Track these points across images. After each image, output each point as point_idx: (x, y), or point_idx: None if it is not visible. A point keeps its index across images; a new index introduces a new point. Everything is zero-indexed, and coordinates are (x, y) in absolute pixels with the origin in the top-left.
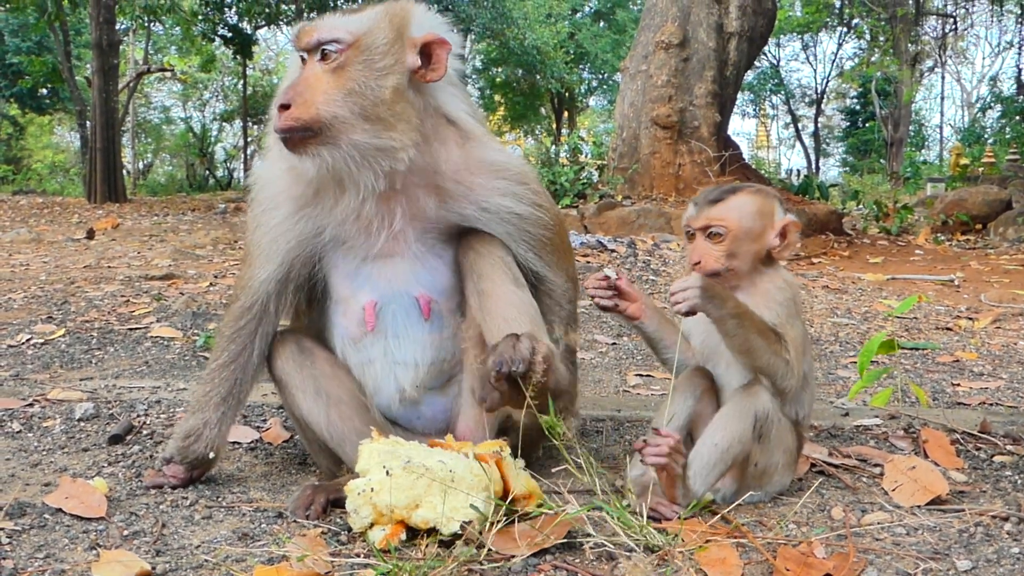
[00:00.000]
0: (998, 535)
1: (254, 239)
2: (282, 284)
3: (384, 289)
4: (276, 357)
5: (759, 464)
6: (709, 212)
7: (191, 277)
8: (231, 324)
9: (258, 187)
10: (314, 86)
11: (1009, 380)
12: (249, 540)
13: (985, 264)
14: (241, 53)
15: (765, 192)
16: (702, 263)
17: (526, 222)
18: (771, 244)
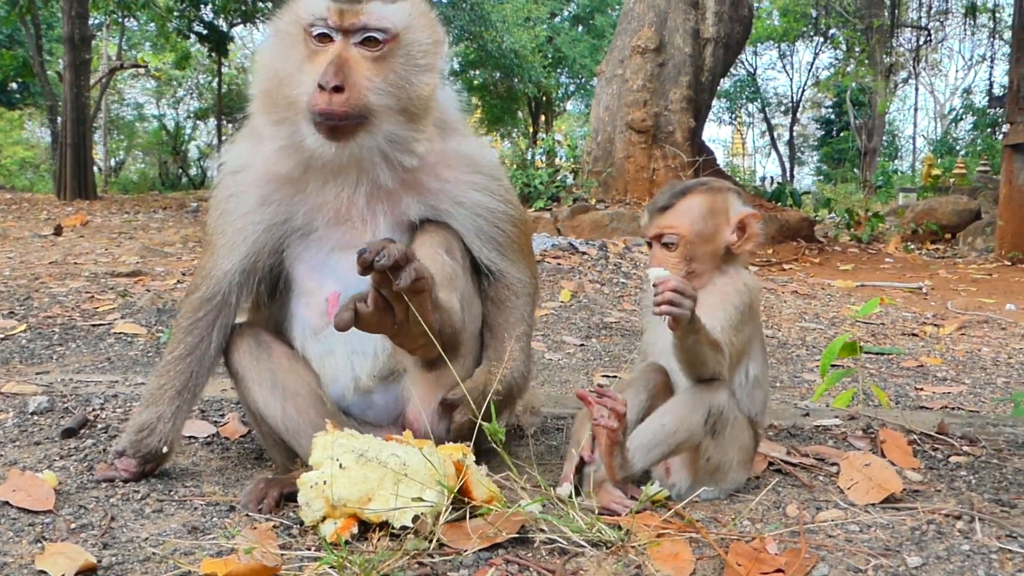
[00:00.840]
0: (949, 533)
1: (219, 227)
2: (246, 275)
3: (349, 279)
4: (233, 350)
5: (712, 459)
6: (660, 221)
7: (158, 274)
8: (189, 315)
9: (227, 173)
10: (358, 71)
11: (971, 385)
12: (199, 533)
13: (953, 273)
14: (216, 51)
15: (717, 188)
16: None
17: (496, 217)
18: (728, 240)
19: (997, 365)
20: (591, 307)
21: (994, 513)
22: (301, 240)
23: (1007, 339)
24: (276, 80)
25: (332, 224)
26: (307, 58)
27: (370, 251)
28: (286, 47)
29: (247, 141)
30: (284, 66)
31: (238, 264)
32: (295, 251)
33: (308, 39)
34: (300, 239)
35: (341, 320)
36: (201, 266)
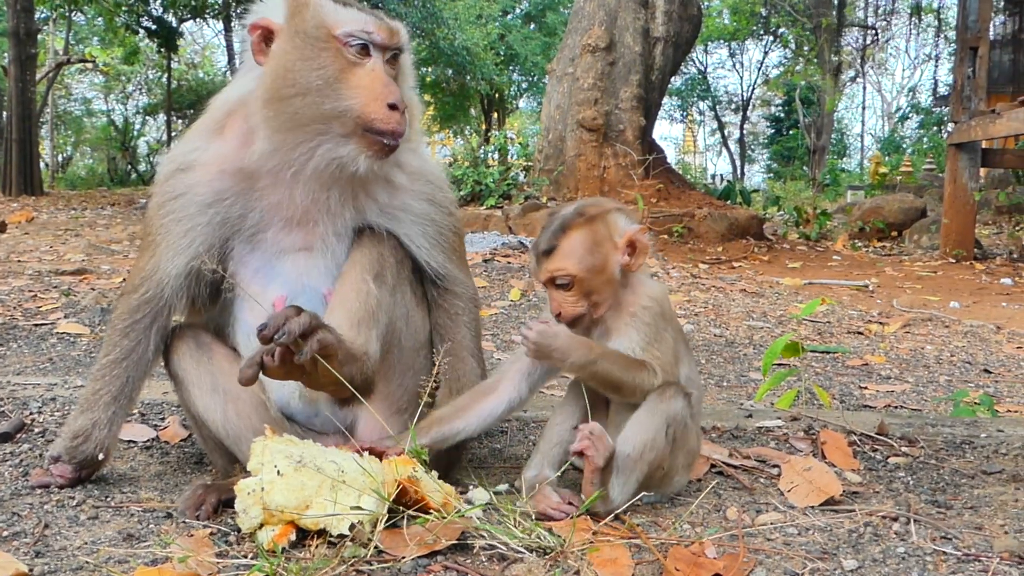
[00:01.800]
0: (886, 535)
1: (163, 226)
2: (190, 278)
3: (294, 284)
4: (173, 352)
5: (665, 467)
6: (547, 265)
7: (104, 272)
8: (125, 317)
9: (175, 170)
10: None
11: (915, 383)
12: (135, 541)
13: (899, 270)
14: (165, 46)
15: (595, 215)
16: (563, 313)
17: (442, 226)
18: (621, 263)
19: (940, 363)
20: (541, 306)
21: (930, 515)
22: (247, 243)
23: (950, 337)
24: (303, 88)
25: (281, 227)
26: (343, 71)
27: (270, 327)
28: (312, 53)
29: (198, 138)
30: (315, 75)
31: (183, 266)
32: (240, 253)
33: (343, 50)
34: (246, 241)
35: (245, 376)
36: (140, 267)
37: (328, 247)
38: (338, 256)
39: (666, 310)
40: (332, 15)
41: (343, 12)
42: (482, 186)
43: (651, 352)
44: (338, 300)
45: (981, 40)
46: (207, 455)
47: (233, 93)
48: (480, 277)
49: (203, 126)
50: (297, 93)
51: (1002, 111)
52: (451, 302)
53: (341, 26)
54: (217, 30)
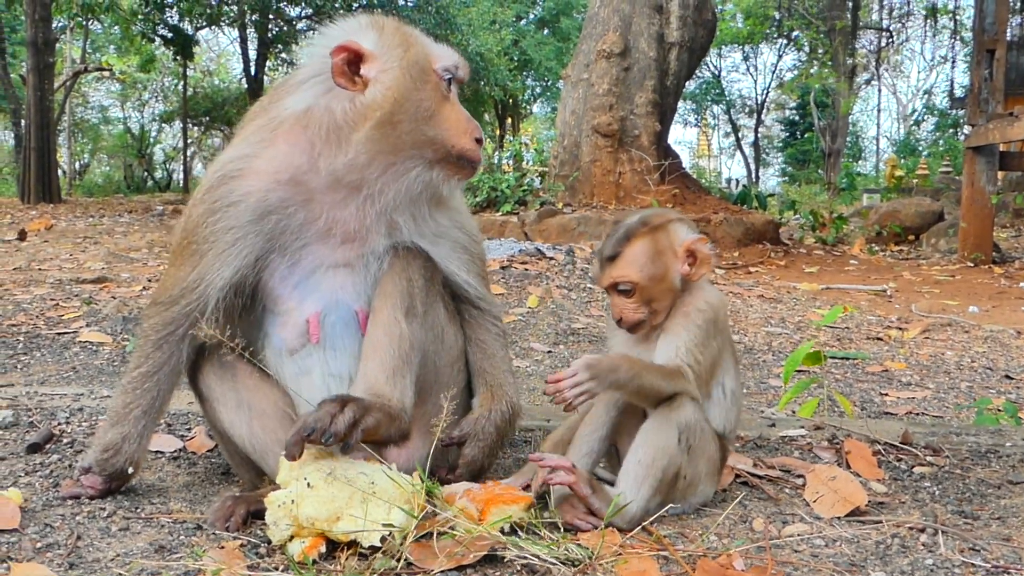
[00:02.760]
0: (914, 546)
1: (211, 234)
2: (232, 290)
3: (328, 300)
4: (197, 370)
5: (687, 476)
6: (610, 271)
7: (124, 281)
8: (159, 329)
9: (226, 178)
10: None
11: (936, 390)
12: (166, 552)
13: (917, 275)
14: (182, 54)
15: (658, 225)
16: (624, 319)
17: (471, 253)
18: (681, 272)
19: (960, 369)
20: (559, 313)
21: (957, 525)
22: (288, 256)
23: (970, 342)
24: (412, 114)
25: (327, 242)
26: (440, 102)
27: (317, 431)
28: (420, 84)
29: (249, 146)
30: (423, 106)
31: (228, 277)
32: (278, 266)
33: (440, 83)
34: (287, 255)
35: (291, 455)
36: (180, 277)
37: (367, 265)
38: (374, 273)
39: (720, 318)
40: (433, 50)
41: (438, 48)
42: (497, 192)
43: (693, 355)
44: (371, 347)
45: (998, 42)
46: (233, 469)
47: (295, 105)
48: (497, 284)
49: (255, 134)
50: (407, 120)
51: (1019, 114)
52: (484, 320)
53: (440, 61)
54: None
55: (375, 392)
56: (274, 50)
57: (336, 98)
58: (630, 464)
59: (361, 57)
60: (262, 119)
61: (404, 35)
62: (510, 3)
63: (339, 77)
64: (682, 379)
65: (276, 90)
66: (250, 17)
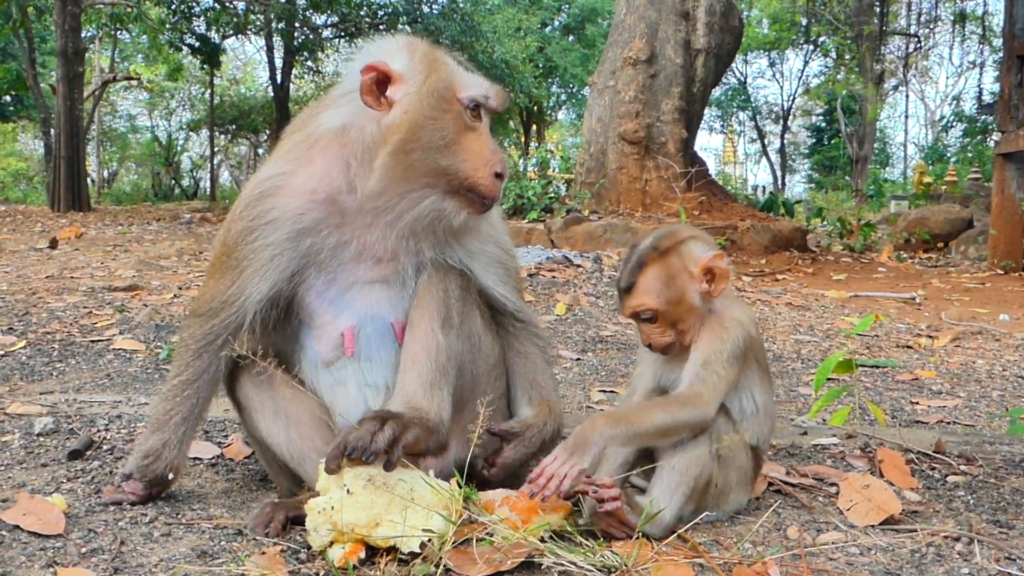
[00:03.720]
0: (949, 555)
1: (251, 250)
2: (269, 303)
3: (363, 314)
4: (235, 380)
5: (719, 484)
6: (628, 302)
7: (155, 288)
8: (200, 339)
9: (265, 194)
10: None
11: (967, 398)
12: (208, 558)
13: (946, 282)
14: (208, 62)
15: (670, 248)
16: (653, 344)
17: (507, 267)
18: (701, 291)
19: (992, 378)
20: (586, 320)
21: (992, 535)
22: (324, 271)
23: (1001, 351)
24: (427, 143)
25: (361, 260)
26: (459, 133)
27: (359, 449)
28: (438, 112)
29: (287, 163)
30: (440, 135)
31: (267, 292)
32: (314, 281)
33: (464, 112)
34: (323, 270)
35: (330, 469)
36: (219, 289)
37: (402, 280)
38: (409, 287)
39: (751, 332)
40: (459, 78)
41: (466, 76)
42: (524, 199)
43: (709, 370)
44: (408, 360)
45: None
46: (271, 476)
47: (330, 122)
48: (526, 292)
49: (292, 151)
50: (420, 148)
51: None
52: (526, 332)
53: (465, 90)
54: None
55: (413, 405)
56: (300, 58)
57: (368, 117)
58: (664, 472)
59: (389, 78)
60: (300, 134)
61: (431, 60)
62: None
63: (367, 95)
64: (690, 406)
65: (315, 104)
66: (276, 25)
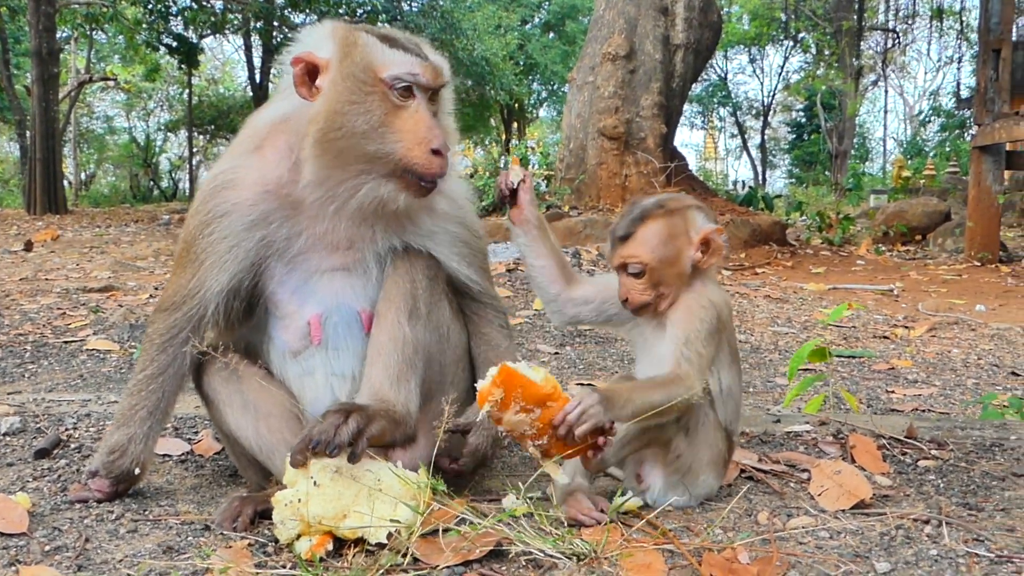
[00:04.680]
0: (918, 538)
1: (207, 244)
2: (231, 295)
3: (329, 302)
4: (203, 373)
5: (683, 457)
6: (622, 250)
7: (131, 289)
8: (163, 333)
9: (219, 188)
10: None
11: (942, 387)
12: (174, 553)
13: (924, 274)
14: (186, 62)
15: (675, 209)
16: (629, 300)
17: (473, 248)
18: (693, 259)
19: (967, 366)
20: None
21: (962, 517)
22: (286, 262)
23: (977, 340)
24: (349, 131)
25: (321, 249)
26: (388, 114)
27: (322, 442)
28: (359, 97)
29: (239, 157)
30: (361, 120)
31: (226, 283)
32: (277, 272)
33: (390, 92)
34: (285, 261)
35: (296, 463)
36: (181, 284)
37: (366, 268)
38: (375, 275)
39: (723, 316)
40: (379, 57)
41: (390, 54)
42: None
43: (691, 347)
44: (375, 352)
45: (1003, 42)
46: (240, 471)
47: (273, 113)
48: (504, 287)
49: (242, 145)
50: (344, 136)
51: None
52: (487, 314)
53: (387, 69)
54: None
55: (380, 398)
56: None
57: (304, 108)
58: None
59: (317, 68)
60: (252, 128)
61: (349, 43)
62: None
63: (300, 87)
64: (679, 385)
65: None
66: (254, 25)
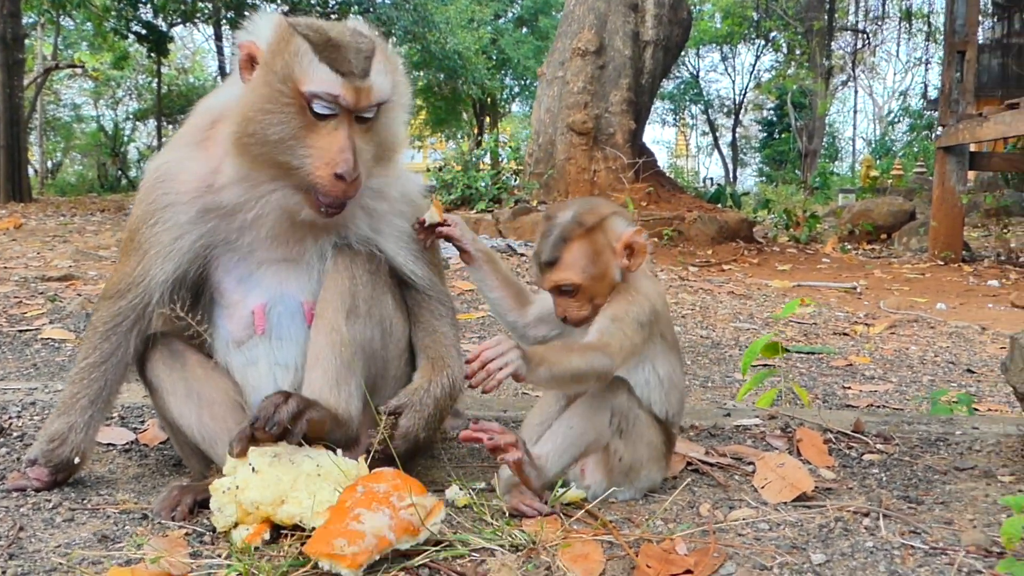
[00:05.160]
0: (856, 530)
1: (151, 234)
2: (175, 284)
3: (274, 292)
4: (146, 360)
5: (624, 459)
6: (551, 276)
7: (91, 278)
8: (107, 321)
9: (163, 179)
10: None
11: (898, 383)
12: (109, 542)
13: (888, 272)
14: (156, 51)
15: (594, 225)
16: (568, 317)
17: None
18: (621, 266)
19: (924, 363)
20: None
21: (901, 510)
22: (231, 252)
23: (935, 338)
24: (261, 138)
25: (264, 241)
26: (305, 128)
27: (261, 419)
28: (275, 106)
29: (183, 147)
30: (274, 129)
31: (170, 272)
32: (222, 262)
33: (307, 108)
34: (230, 251)
35: (236, 452)
36: (126, 272)
37: (309, 261)
38: (317, 269)
39: (656, 307)
40: (303, 69)
41: (315, 68)
42: (472, 190)
43: (618, 325)
44: (314, 356)
45: (969, 44)
46: (184, 459)
47: (219, 99)
48: (467, 280)
49: (187, 135)
50: (257, 142)
51: (989, 115)
52: (431, 304)
53: (307, 84)
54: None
55: (321, 401)
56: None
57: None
58: (560, 428)
59: (255, 59)
60: (196, 116)
61: (280, 45)
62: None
63: (244, 74)
64: (599, 353)
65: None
66: (225, 14)
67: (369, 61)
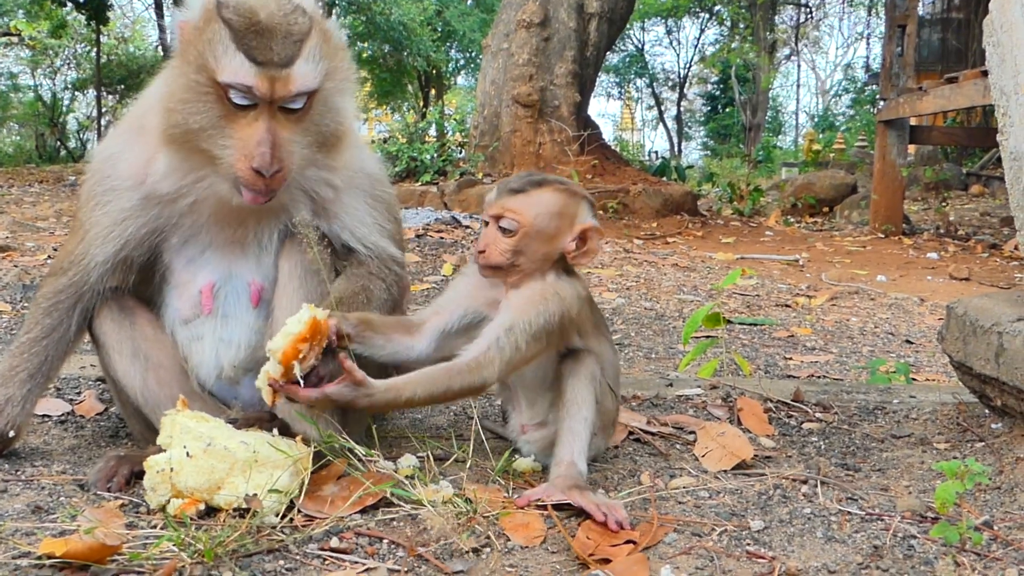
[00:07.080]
0: (794, 497)
1: (94, 216)
2: (118, 264)
3: (222, 272)
4: (95, 315)
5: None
6: (506, 202)
7: (28, 250)
8: (50, 297)
9: (107, 161)
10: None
11: (838, 354)
12: (43, 513)
13: (830, 245)
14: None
15: (573, 192)
16: (486, 253)
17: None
18: (566, 247)
19: (864, 334)
20: None
21: (839, 477)
22: (177, 236)
23: (875, 309)
24: (184, 128)
25: (207, 224)
26: (224, 117)
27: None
28: (194, 95)
29: (125, 135)
30: (195, 119)
31: (111, 254)
32: (171, 244)
33: (225, 98)
34: (176, 235)
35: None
36: (69, 249)
37: (258, 242)
38: (267, 249)
39: (568, 313)
40: (217, 57)
41: (229, 57)
42: (417, 162)
43: (510, 337)
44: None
45: (909, 18)
46: (126, 420)
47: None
48: (413, 252)
49: (127, 122)
50: (181, 132)
51: (929, 88)
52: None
53: (222, 74)
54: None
55: None
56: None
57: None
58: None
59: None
60: (141, 101)
61: (204, 25)
62: None
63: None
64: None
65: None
66: None
67: (299, 46)
